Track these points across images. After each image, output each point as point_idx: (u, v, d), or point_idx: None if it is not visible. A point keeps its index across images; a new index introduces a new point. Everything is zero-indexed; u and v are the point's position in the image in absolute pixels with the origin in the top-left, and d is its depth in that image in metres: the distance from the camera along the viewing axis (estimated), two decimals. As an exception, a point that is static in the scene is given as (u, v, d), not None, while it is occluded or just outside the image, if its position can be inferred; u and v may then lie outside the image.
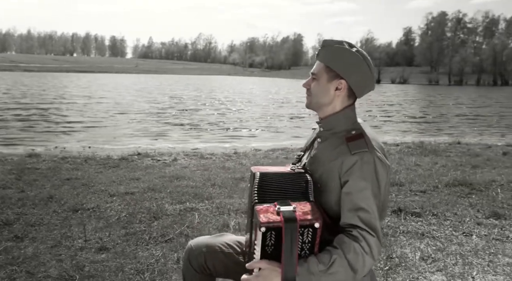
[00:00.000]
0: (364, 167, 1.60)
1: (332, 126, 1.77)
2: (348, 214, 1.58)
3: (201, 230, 3.97)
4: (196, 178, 6.13)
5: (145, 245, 3.61)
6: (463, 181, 5.86)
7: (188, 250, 1.93)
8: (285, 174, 1.70)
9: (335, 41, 1.76)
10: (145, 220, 4.27)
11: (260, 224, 1.39)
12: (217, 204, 4.85)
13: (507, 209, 4.64)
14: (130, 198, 5.05)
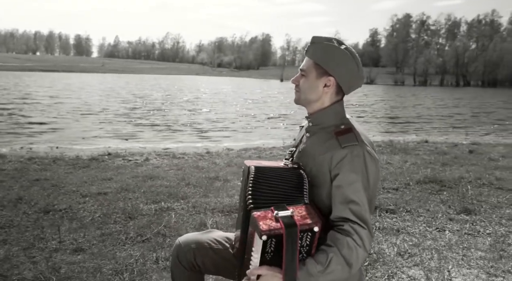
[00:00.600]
0: (354, 160, 1.61)
1: (320, 121, 1.78)
2: (340, 207, 1.59)
3: (178, 229, 3.93)
4: (170, 178, 6.07)
5: (122, 246, 3.54)
6: (434, 178, 5.99)
7: (177, 247, 1.90)
8: (279, 169, 1.69)
9: (324, 38, 1.76)
10: (120, 220, 4.20)
11: (261, 232, 1.37)
12: (193, 204, 4.81)
13: (477, 205, 4.77)
14: (103, 199, 4.95)
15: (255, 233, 1.42)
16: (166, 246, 3.51)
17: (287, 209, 1.46)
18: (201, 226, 4.04)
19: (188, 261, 1.85)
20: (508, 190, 5.46)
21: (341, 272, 1.51)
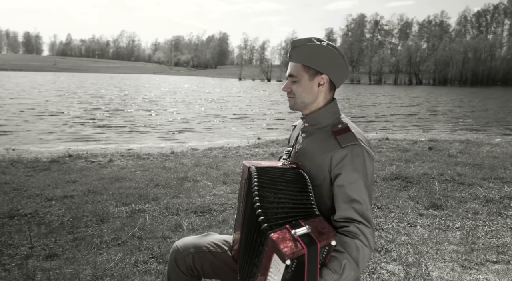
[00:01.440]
0: (355, 160, 1.62)
1: (317, 121, 1.78)
2: (343, 206, 1.60)
3: (153, 231, 3.85)
4: (137, 179, 5.95)
5: (97, 250, 3.44)
6: (399, 175, 6.15)
7: (175, 251, 1.86)
8: (280, 169, 1.68)
9: (304, 39, 1.76)
10: (91, 224, 4.07)
11: (285, 257, 1.34)
12: (164, 205, 4.73)
13: (443, 200, 4.93)
14: (71, 202, 4.80)
15: (273, 254, 1.39)
16: (143, 249, 3.44)
17: (302, 225, 1.43)
18: (177, 227, 3.98)
19: (187, 266, 1.81)
20: (469, 185, 5.66)
21: (354, 275, 1.54)
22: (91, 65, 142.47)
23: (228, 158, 8.06)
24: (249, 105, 27.62)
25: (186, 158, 7.90)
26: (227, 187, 5.60)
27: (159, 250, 3.40)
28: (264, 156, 8.28)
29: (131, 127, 14.89)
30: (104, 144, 10.86)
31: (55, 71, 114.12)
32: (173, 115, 19.45)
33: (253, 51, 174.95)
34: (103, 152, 8.98)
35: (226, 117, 19.25)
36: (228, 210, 4.63)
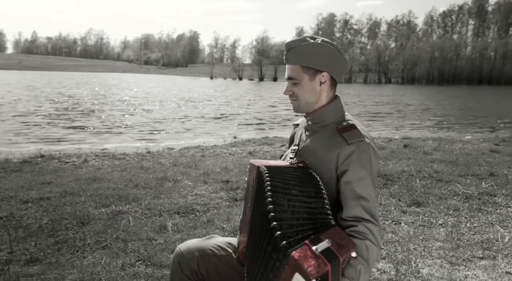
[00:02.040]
0: (361, 156, 1.61)
1: (321, 119, 1.76)
2: (351, 203, 1.58)
3: (137, 233, 3.76)
4: (115, 180, 5.82)
5: (81, 253, 3.33)
6: (379, 173, 6.20)
7: (178, 255, 1.79)
8: (291, 169, 1.64)
9: (298, 40, 1.74)
10: (72, 227, 3.95)
11: (310, 277, 1.29)
12: (146, 206, 4.64)
13: (424, 197, 4.99)
14: (47, 204, 4.65)
15: (295, 273, 1.33)
16: (129, 252, 3.35)
17: (322, 239, 1.38)
18: (161, 229, 3.90)
19: (191, 270, 1.76)
20: (447, 182, 5.76)
21: (368, 276, 1.53)
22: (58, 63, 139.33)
23: (206, 157, 7.99)
24: (223, 104, 27.51)
25: (164, 158, 7.78)
26: (208, 187, 5.54)
27: (145, 252, 3.32)
28: (242, 155, 8.24)
29: (104, 126, 14.60)
30: (77, 144, 10.61)
31: (20, 70, 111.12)
32: (147, 115, 19.18)
33: (224, 49, 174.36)
34: (76, 152, 8.77)
35: (200, 117, 19.09)
36: (212, 210, 4.58)
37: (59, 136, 12.24)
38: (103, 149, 9.45)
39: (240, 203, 4.87)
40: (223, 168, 6.66)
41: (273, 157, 7.84)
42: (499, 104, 33.99)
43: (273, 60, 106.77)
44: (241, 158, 7.86)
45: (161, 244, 3.52)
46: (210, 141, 11.05)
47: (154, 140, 11.88)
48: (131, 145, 10.60)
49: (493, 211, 4.49)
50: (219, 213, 4.42)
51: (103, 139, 12.01)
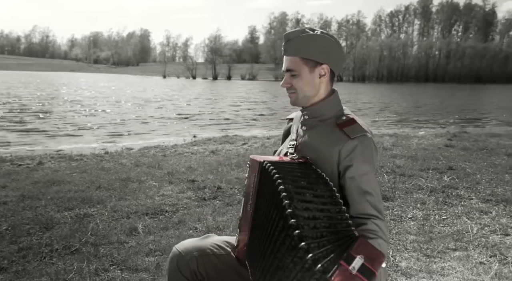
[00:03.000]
0: (364, 151, 1.59)
1: (319, 113, 1.72)
2: (358, 199, 1.56)
3: (107, 236, 3.61)
4: (76, 182, 5.59)
5: (49, 260, 3.16)
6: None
7: (176, 256, 1.71)
8: (295, 166, 1.59)
9: (297, 31, 1.70)
10: (35, 232, 3.75)
11: None
12: (112, 208, 4.47)
13: (391, 192, 5.08)
14: (5, 209, 4.40)
15: None
16: (101, 256, 3.21)
17: (354, 256, 1.31)
18: (131, 231, 3.77)
19: (191, 270, 1.68)
20: (410, 176, 5.90)
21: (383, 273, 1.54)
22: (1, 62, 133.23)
23: (168, 157, 7.83)
24: (181, 103, 27.16)
25: (124, 159, 7.56)
26: (174, 187, 5.42)
27: (119, 256, 3.19)
28: (205, 154, 8.14)
29: (57, 128, 14.06)
30: (28, 146, 10.15)
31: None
32: (102, 115, 18.59)
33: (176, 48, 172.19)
34: (29, 154, 8.39)
35: (158, 116, 18.73)
36: (181, 210, 4.47)
37: (8, 140, 11.64)
38: (58, 151, 9.09)
39: (210, 202, 4.79)
40: (188, 168, 6.54)
41: (236, 155, 7.78)
42: (447, 101, 35.37)
43: (226, 59, 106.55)
44: (204, 157, 7.76)
45: (134, 247, 3.40)
46: (169, 140, 10.86)
47: (112, 141, 11.55)
48: (87, 146, 10.26)
49: (458, 204, 4.62)
50: (189, 214, 4.33)
51: (58, 141, 11.52)
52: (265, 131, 13.36)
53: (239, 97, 35.53)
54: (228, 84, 70.28)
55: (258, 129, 14.27)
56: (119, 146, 9.79)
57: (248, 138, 10.54)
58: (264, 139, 10.10)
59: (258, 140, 10.00)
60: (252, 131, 13.61)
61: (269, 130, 13.95)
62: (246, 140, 9.90)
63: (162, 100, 28.98)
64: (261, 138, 10.53)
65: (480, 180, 5.64)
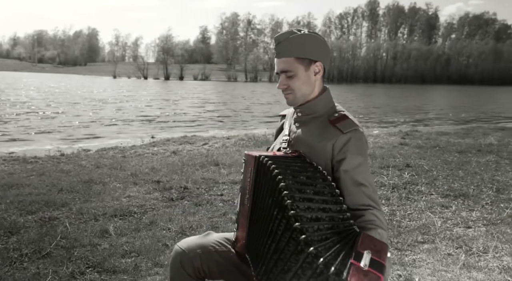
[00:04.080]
0: (357, 144, 1.65)
1: (313, 110, 1.77)
2: (352, 190, 1.60)
3: (79, 239, 3.53)
4: (35, 185, 5.40)
5: (19, 265, 3.05)
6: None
7: (180, 253, 1.71)
8: (289, 159, 1.63)
9: (287, 32, 1.74)
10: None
11: None
12: (77, 210, 4.36)
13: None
14: (-38, 214, 4.20)
15: None
16: (75, 259, 3.13)
17: (361, 252, 1.33)
18: (102, 233, 3.70)
19: (194, 267, 1.69)
20: (371, 173, 6.06)
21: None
22: None
23: (128, 158, 7.70)
24: (136, 104, 26.63)
25: (83, 160, 7.37)
26: (139, 188, 5.34)
27: (94, 258, 3.13)
28: (166, 154, 8.06)
29: (5, 129, 13.48)
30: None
31: None
32: (54, 116, 17.91)
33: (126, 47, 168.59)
34: (-22, 157, 8.01)
35: (112, 117, 18.30)
36: (149, 211, 4.42)
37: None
38: (10, 153, 8.73)
39: (178, 203, 4.76)
40: (151, 169, 6.46)
41: (199, 155, 7.75)
42: (396, 101, 36.55)
43: (178, 59, 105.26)
44: (165, 157, 7.68)
45: (107, 249, 3.34)
46: (127, 141, 10.65)
47: (66, 142, 11.19)
48: (40, 148, 9.91)
49: (420, 199, 4.82)
50: (159, 214, 4.29)
51: (9, 144, 11.03)
52: (223, 131, 13.35)
53: (197, 97, 35.23)
54: (182, 84, 69.49)
55: (216, 130, 14.24)
56: (75, 148, 9.53)
57: (208, 138, 10.52)
58: (224, 139, 10.11)
59: (218, 140, 10.00)
60: (210, 131, 13.56)
61: (228, 130, 13.95)
62: (206, 141, 9.88)
63: (117, 101, 28.32)
64: (221, 138, 10.53)
65: (437, 176, 5.90)
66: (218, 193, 5.15)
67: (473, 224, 3.99)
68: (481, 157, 7.51)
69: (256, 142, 9.38)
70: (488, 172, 6.20)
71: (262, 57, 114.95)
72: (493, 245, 3.42)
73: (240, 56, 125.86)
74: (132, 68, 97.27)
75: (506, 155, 7.72)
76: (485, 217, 4.19)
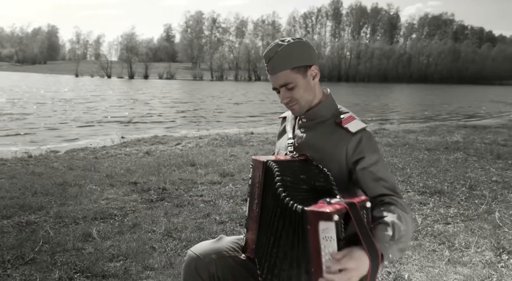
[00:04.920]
0: (370, 142, 1.67)
1: (318, 115, 1.78)
2: (372, 185, 1.61)
3: (62, 244, 3.45)
4: (7, 188, 5.24)
5: (3, 272, 2.95)
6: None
7: (194, 259, 1.68)
8: (295, 163, 1.65)
9: (273, 47, 1.73)
10: (-23, 243, 3.48)
11: (331, 214, 1.30)
12: (56, 214, 4.26)
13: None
14: None
15: (318, 224, 1.32)
16: (60, 264, 3.05)
17: (335, 196, 1.41)
18: (85, 237, 3.62)
19: (209, 273, 1.67)
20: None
21: (406, 232, 1.48)
22: None
23: (101, 159, 7.55)
24: (101, 103, 26.08)
25: (54, 162, 7.18)
26: (117, 190, 5.26)
27: (80, 263, 3.06)
28: (139, 155, 7.94)
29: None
30: None
31: None
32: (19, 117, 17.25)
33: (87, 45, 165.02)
34: None
35: (78, 117, 17.86)
36: (130, 214, 4.37)
37: None
38: (-26, 156, 8.40)
39: (158, 204, 4.71)
40: (126, 170, 6.36)
41: (174, 155, 7.68)
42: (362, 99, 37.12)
43: (142, 58, 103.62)
44: (139, 158, 7.57)
45: (93, 253, 3.28)
46: (97, 142, 10.44)
47: (33, 144, 10.86)
48: (6, 149, 9.59)
49: (397, 196, 4.92)
50: (141, 216, 4.24)
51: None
52: (194, 131, 13.26)
53: (165, 97, 34.75)
54: (147, 83, 68.46)
55: (187, 129, 14.12)
56: (43, 149, 9.26)
57: (180, 138, 10.43)
58: (197, 139, 10.05)
59: (191, 140, 9.94)
60: (182, 131, 13.44)
61: (200, 130, 13.86)
62: (179, 141, 9.79)
63: (83, 101, 27.63)
64: (193, 138, 10.46)
65: (411, 174, 6.05)
66: (198, 194, 5.13)
67: (452, 220, 4.12)
68: (449, 155, 7.75)
69: (229, 141, 9.37)
70: (459, 169, 6.40)
71: (227, 56, 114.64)
72: (474, 240, 3.55)
73: (206, 54, 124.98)
74: (95, 66, 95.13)
75: (473, 152, 7.98)
76: (462, 213, 4.33)
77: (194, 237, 3.62)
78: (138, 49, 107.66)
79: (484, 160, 7.23)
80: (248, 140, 9.69)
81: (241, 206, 4.57)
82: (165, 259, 3.17)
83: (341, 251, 1.32)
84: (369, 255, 1.32)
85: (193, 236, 3.63)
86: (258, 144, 9.11)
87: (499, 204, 4.64)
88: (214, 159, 7.18)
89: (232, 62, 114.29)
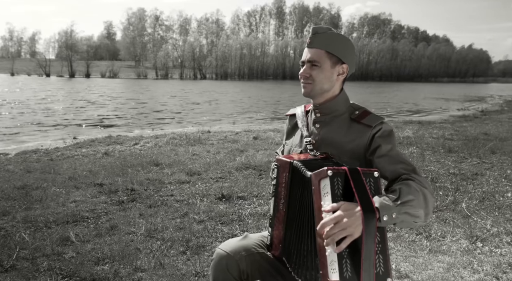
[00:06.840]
0: (387, 134, 1.70)
1: (334, 109, 1.81)
2: (391, 168, 1.61)
3: (41, 249, 3.32)
4: (-38, 193, 4.96)
5: (-17, 281, 2.82)
6: (249, 164, 6.49)
7: (224, 257, 1.68)
8: (319, 161, 1.67)
9: (325, 27, 1.79)
10: None
11: (326, 171, 1.37)
12: (23, 219, 4.10)
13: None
14: None
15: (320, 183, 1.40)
16: (44, 270, 2.95)
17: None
18: (63, 241, 3.51)
19: (240, 270, 1.68)
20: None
21: (417, 200, 1.45)
22: None
23: (57, 161, 7.28)
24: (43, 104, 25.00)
25: (8, 165, 6.86)
26: (83, 192, 5.11)
27: (66, 268, 2.97)
28: (97, 156, 7.72)
29: None
30: None
31: None
32: None
33: (22, 43, 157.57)
34: None
35: (21, 118, 17.06)
36: (103, 216, 4.27)
37: None
38: None
39: (130, 205, 4.63)
40: (88, 171, 6.19)
41: (135, 155, 7.54)
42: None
43: (83, 56, 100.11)
44: (98, 159, 7.36)
45: (75, 257, 3.18)
46: (48, 143, 10.00)
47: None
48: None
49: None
50: (115, 218, 4.15)
51: None
52: (149, 131, 13.02)
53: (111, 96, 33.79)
54: (89, 82, 66.17)
55: (141, 129, 13.84)
56: (9, 150, 8.81)
57: (136, 138, 10.21)
58: (155, 138, 9.88)
59: (149, 139, 9.76)
60: (135, 130, 13.16)
61: (154, 129, 13.62)
62: (136, 140, 9.59)
63: (25, 100, 26.37)
64: (150, 137, 10.27)
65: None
66: (168, 194, 5.08)
67: (422, 211, 4.31)
68: (404, 149, 8.07)
69: (188, 140, 9.29)
70: (418, 163, 6.69)
71: (171, 54, 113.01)
72: (449, 230, 3.75)
73: (149, 52, 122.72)
74: (32, 64, 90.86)
75: (426, 146, 8.36)
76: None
77: (178, 236, 3.59)
78: (78, 47, 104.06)
79: (438, 153, 7.60)
80: (207, 139, 9.65)
81: (217, 205, 4.58)
82: (153, 260, 3.14)
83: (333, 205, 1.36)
84: (361, 206, 1.32)
85: (177, 236, 3.60)
86: (219, 143, 9.09)
87: (462, 194, 4.91)
88: (178, 159, 7.12)
89: (176, 60, 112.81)
